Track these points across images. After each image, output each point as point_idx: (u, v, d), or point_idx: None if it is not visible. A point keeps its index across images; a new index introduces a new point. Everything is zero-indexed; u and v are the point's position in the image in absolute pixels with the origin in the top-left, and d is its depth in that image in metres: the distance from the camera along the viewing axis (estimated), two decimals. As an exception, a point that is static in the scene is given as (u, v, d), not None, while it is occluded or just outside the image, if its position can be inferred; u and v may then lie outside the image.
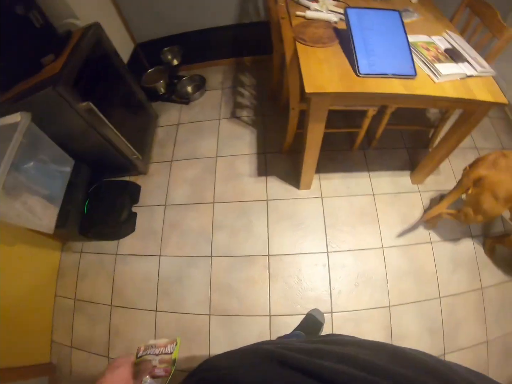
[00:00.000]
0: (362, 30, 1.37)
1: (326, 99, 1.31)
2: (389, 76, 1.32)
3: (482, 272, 2.10)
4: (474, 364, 1.89)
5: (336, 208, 2.09)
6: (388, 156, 2.33)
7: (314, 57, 1.36)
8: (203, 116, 2.39)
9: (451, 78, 1.39)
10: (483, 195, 1.58)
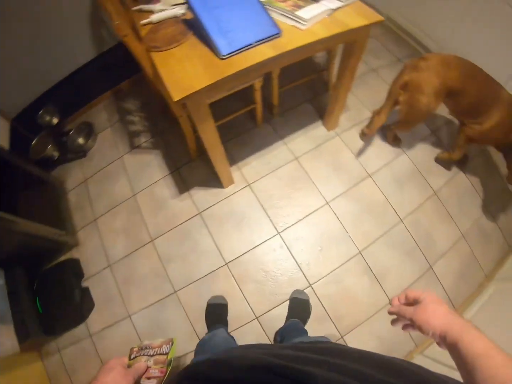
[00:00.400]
0: (210, 11, 1.31)
1: (200, 97, 1.28)
2: (253, 45, 1.30)
3: (428, 179, 2.28)
4: (463, 262, 2.08)
5: (267, 188, 2.16)
6: (294, 116, 2.43)
7: (173, 59, 1.32)
8: (105, 161, 2.35)
9: (318, 19, 1.40)
10: (414, 97, 1.80)
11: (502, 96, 1.76)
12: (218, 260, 1.96)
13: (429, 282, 1.99)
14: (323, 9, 1.35)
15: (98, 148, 2.38)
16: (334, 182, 2.19)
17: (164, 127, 2.38)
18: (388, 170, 2.27)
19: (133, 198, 2.14)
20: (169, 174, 2.19)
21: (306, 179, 2.18)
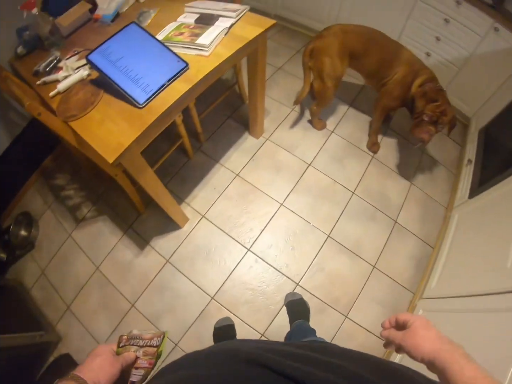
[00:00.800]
0: (115, 64, 1.33)
1: (132, 151, 1.28)
2: (167, 85, 1.33)
3: (362, 147, 2.50)
4: (421, 205, 2.32)
5: (222, 212, 2.20)
6: (221, 136, 2.50)
7: (93, 123, 1.30)
8: (55, 245, 2.24)
9: (218, 40, 1.48)
10: (319, 60, 2.06)
11: (402, 54, 2.03)
12: (204, 298, 1.95)
13: (400, 235, 2.16)
14: (220, 30, 1.43)
15: (44, 235, 2.27)
16: (280, 184, 2.28)
17: (102, 190, 2.33)
18: (324, 153, 2.43)
19: (98, 271, 2.08)
20: (124, 235, 2.15)
21: (254, 190, 2.26)
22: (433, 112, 1.88)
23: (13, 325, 1.80)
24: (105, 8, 1.71)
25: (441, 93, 1.93)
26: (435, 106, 1.88)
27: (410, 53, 2.05)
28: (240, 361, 0.45)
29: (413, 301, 1.95)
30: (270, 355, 0.44)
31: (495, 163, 1.94)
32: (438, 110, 1.87)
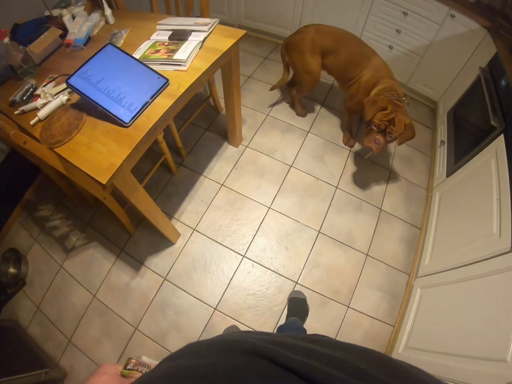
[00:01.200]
0: (96, 86, 1.33)
1: (124, 170, 1.29)
2: (150, 102, 1.36)
3: (339, 142, 2.60)
4: (403, 189, 2.44)
5: (212, 223, 2.23)
6: (202, 149, 2.55)
7: (81, 146, 1.29)
8: (47, 279, 2.18)
9: (194, 54, 1.52)
10: (293, 55, 2.23)
11: (371, 59, 2.08)
12: (206, 310, 1.96)
13: (387, 221, 2.26)
14: (195, 44, 1.47)
15: (34, 270, 2.22)
16: (266, 188, 2.34)
17: (89, 216, 2.31)
18: (304, 153, 2.51)
19: (95, 299, 2.05)
20: (117, 259, 2.14)
21: (241, 197, 2.30)
22: (380, 121, 1.87)
23: (15, 366, 1.74)
24: (76, 32, 1.72)
25: (394, 103, 1.89)
26: (383, 115, 1.85)
27: (380, 60, 2.09)
28: (242, 351, 0.44)
29: (410, 281, 2.03)
30: (274, 347, 0.42)
31: (466, 141, 2.04)
32: (386, 119, 1.85)
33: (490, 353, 1.16)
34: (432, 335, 1.56)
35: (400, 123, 1.85)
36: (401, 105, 1.92)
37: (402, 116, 1.85)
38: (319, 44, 2.12)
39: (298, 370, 0.37)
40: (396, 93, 1.95)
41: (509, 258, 1.25)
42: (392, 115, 1.84)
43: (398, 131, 1.87)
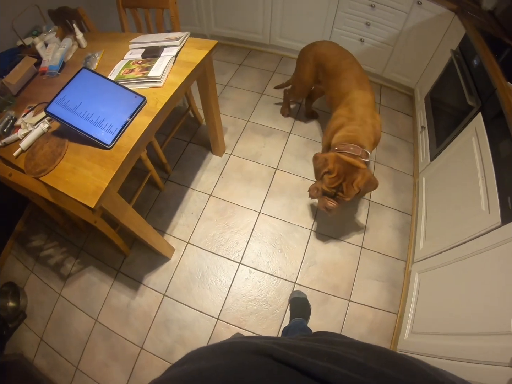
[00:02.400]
0: (74, 112, 1.36)
1: (111, 192, 1.32)
2: (130, 122, 1.39)
3: (320, 138, 2.62)
4: (389, 180, 2.48)
5: (205, 234, 2.26)
6: (186, 162, 2.59)
7: (66, 173, 1.31)
8: (47, 309, 2.18)
9: (168, 70, 1.54)
10: (297, 61, 2.28)
11: (350, 95, 1.86)
12: (209, 321, 1.98)
13: (378, 211, 2.33)
14: (168, 60, 1.52)
15: (33, 301, 2.22)
16: (254, 193, 2.39)
17: (82, 242, 2.33)
18: (288, 154, 2.58)
19: (97, 324, 2.06)
20: (114, 281, 2.16)
21: (230, 205, 2.34)
22: (327, 187, 1.69)
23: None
24: (50, 59, 1.76)
25: (345, 162, 1.64)
26: (330, 180, 1.66)
27: (361, 97, 1.83)
28: (244, 352, 0.46)
29: (407, 267, 2.08)
30: (275, 347, 0.44)
31: (446, 123, 2.10)
32: (333, 186, 1.67)
33: (494, 327, 1.19)
34: (435, 318, 1.59)
35: (350, 189, 1.65)
36: (356, 163, 1.64)
37: (354, 178, 1.63)
38: (318, 60, 2.10)
39: (298, 366, 0.39)
40: (356, 145, 1.69)
41: (501, 232, 1.29)
42: (339, 181, 1.65)
43: (350, 195, 1.68)
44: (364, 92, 1.84)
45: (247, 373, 0.40)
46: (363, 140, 1.72)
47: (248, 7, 2.93)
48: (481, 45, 1.86)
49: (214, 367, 0.42)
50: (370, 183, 1.68)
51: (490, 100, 1.64)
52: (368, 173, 1.66)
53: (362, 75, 1.92)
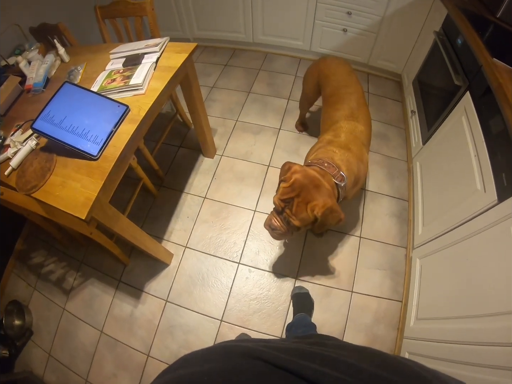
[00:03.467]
0: (59, 126, 1.38)
1: (101, 201, 1.34)
2: (114, 131, 1.40)
3: (310, 131, 2.68)
4: (384, 167, 2.48)
5: (202, 237, 2.27)
6: (178, 167, 2.61)
7: (56, 187, 1.32)
8: (53, 324, 2.19)
9: (149, 76, 1.58)
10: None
11: (339, 123, 1.67)
12: (213, 323, 2.00)
13: (374, 200, 2.35)
14: (148, 66, 1.54)
15: (38, 317, 2.25)
16: (248, 192, 2.41)
17: (82, 254, 2.36)
18: (279, 150, 2.60)
19: (103, 335, 2.09)
20: (116, 291, 2.18)
21: (225, 206, 2.37)
22: (278, 198, 1.38)
23: None
24: (34, 77, 1.78)
25: (308, 174, 1.35)
26: (282, 190, 1.37)
27: (349, 128, 1.64)
28: (235, 355, 0.47)
29: (407, 254, 2.10)
30: (266, 349, 0.45)
31: (435, 106, 2.12)
32: (283, 198, 1.35)
33: (499, 307, 1.19)
34: (439, 302, 1.61)
35: (301, 209, 1.31)
36: (320, 180, 1.35)
37: (311, 199, 1.30)
38: (320, 79, 1.98)
39: (290, 369, 0.40)
40: (331, 163, 1.44)
41: (499, 209, 1.29)
42: (291, 195, 1.32)
43: (299, 217, 1.33)
44: (355, 123, 1.65)
45: (239, 376, 0.41)
46: (342, 162, 1.48)
47: (228, 8, 2.95)
48: (463, 24, 1.87)
49: (207, 371, 0.43)
50: (332, 214, 1.32)
51: (477, 78, 1.65)
52: (331, 200, 1.33)
53: (359, 108, 1.72)
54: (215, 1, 2.95)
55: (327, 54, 3.02)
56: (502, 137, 1.35)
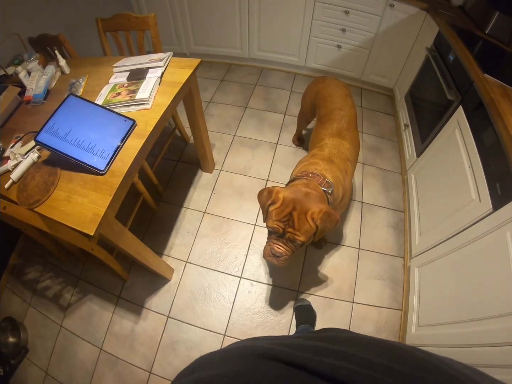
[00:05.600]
0: (64, 139, 1.33)
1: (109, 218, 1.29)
2: (122, 146, 1.37)
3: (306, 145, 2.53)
4: (379, 179, 2.48)
5: (203, 252, 2.23)
6: (177, 181, 2.57)
7: (60, 202, 1.27)
8: (50, 342, 2.09)
9: (154, 92, 1.55)
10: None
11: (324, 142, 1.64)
12: (216, 338, 1.95)
13: (371, 212, 2.34)
14: (154, 81, 1.51)
15: (34, 335, 2.15)
16: (247, 206, 2.38)
17: (79, 270, 2.28)
18: (277, 164, 2.59)
19: (102, 352, 2.00)
20: (116, 307, 2.11)
21: (225, 221, 2.33)
22: (274, 221, 1.29)
23: None
24: (34, 88, 1.73)
25: (295, 188, 1.33)
26: (275, 211, 1.29)
27: (334, 144, 1.61)
28: (253, 356, 0.46)
29: (405, 263, 2.10)
30: (281, 348, 0.45)
31: (428, 119, 2.14)
32: (280, 219, 1.28)
33: (497, 310, 1.20)
34: (440, 308, 1.60)
35: (303, 221, 1.25)
36: (309, 191, 1.31)
37: (308, 208, 1.25)
38: (316, 99, 1.95)
39: (306, 366, 0.39)
40: (315, 173, 1.42)
41: (494, 218, 1.31)
42: (288, 210, 1.26)
43: (304, 231, 1.27)
44: (340, 140, 1.62)
45: (256, 377, 0.40)
46: (326, 171, 1.45)
47: (225, 23, 2.97)
48: (455, 40, 1.92)
49: (224, 374, 0.42)
50: (329, 217, 1.27)
51: (469, 92, 1.68)
52: (325, 205, 1.30)
53: (348, 129, 1.68)
54: (212, 16, 2.96)
55: (322, 70, 3.08)
56: (495, 149, 1.38)
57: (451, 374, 0.39)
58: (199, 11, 2.97)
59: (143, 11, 3.08)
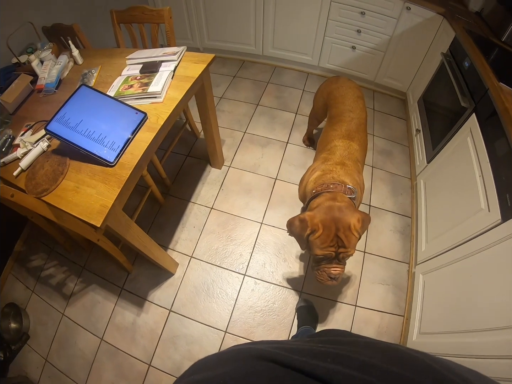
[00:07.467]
0: (75, 129, 1.31)
1: (116, 210, 1.29)
2: (132, 138, 1.35)
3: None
4: (387, 183, 2.44)
5: (208, 247, 2.22)
6: (185, 176, 2.56)
7: (68, 192, 1.27)
8: (51, 329, 2.09)
9: (167, 85, 1.53)
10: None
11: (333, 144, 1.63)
12: (217, 334, 1.94)
13: (378, 215, 2.32)
14: (167, 75, 1.50)
15: (36, 322, 2.15)
16: (255, 204, 2.36)
17: (84, 259, 2.27)
18: (286, 163, 2.56)
19: (103, 342, 2.00)
20: (118, 298, 2.10)
21: (232, 217, 2.31)
22: (321, 249, 1.28)
23: None
24: (46, 77, 1.72)
25: (328, 208, 1.29)
26: (320, 240, 1.27)
27: (344, 146, 1.58)
28: (250, 358, 0.46)
29: (410, 269, 2.07)
30: (279, 351, 0.45)
31: (440, 125, 2.10)
32: (327, 244, 1.27)
33: (501, 322, 1.18)
34: (442, 317, 1.58)
35: (351, 237, 1.26)
36: (339, 205, 1.29)
37: (348, 222, 1.25)
38: (328, 99, 1.92)
39: (302, 369, 0.39)
40: (335, 182, 1.40)
41: (502, 229, 1.28)
42: (332, 234, 1.26)
43: (353, 245, 1.29)
44: (349, 142, 1.59)
45: (253, 379, 0.40)
46: (344, 176, 1.44)
47: (240, 19, 2.94)
48: (471, 47, 1.88)
49: (221, 375, 0.42)
50: (365, 221, 1.32)
51: (483, 100, 1.64)
52: (357, 212, 1.31)
53: (358, 131, 1.66)
54: (227, 12, 2.94)
55: (335, 70, 3.05)
56: (507, 159, 1.34)
57: (450, 379, 0.38)
58: (214, 6, 2.95)
59: (157, 4, 3.06)
